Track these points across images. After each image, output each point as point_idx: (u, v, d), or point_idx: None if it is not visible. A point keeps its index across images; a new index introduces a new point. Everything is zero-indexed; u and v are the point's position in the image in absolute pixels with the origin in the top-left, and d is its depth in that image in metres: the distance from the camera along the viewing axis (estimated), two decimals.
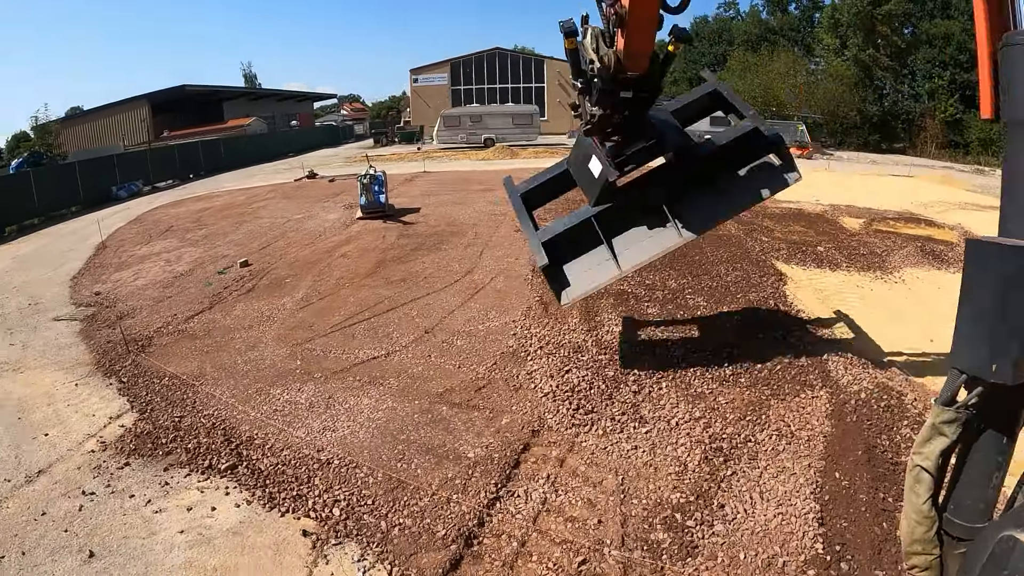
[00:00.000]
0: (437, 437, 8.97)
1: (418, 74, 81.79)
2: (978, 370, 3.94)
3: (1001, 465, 4.09)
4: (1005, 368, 3.78)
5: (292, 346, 12.53)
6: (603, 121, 8.97)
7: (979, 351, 3.93)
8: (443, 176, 36.93)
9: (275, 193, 33.20)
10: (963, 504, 4.17)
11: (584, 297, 10.36)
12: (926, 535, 4.23)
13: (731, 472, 7.90)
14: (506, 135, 58.10)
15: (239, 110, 78.64)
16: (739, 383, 10.10)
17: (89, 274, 19.79)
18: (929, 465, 4.18)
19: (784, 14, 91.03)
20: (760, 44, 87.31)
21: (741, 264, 16.67)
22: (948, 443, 4.12)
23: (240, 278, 17.48)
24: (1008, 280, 3.82)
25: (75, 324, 15.01)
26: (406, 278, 16.16)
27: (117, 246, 23.43)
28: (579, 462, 8.19)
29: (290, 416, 9.84)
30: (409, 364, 11.32)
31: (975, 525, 4.08)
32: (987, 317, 3.92)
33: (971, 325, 4.04)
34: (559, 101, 77.59)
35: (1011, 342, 3.78)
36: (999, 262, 3.91)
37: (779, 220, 22.59)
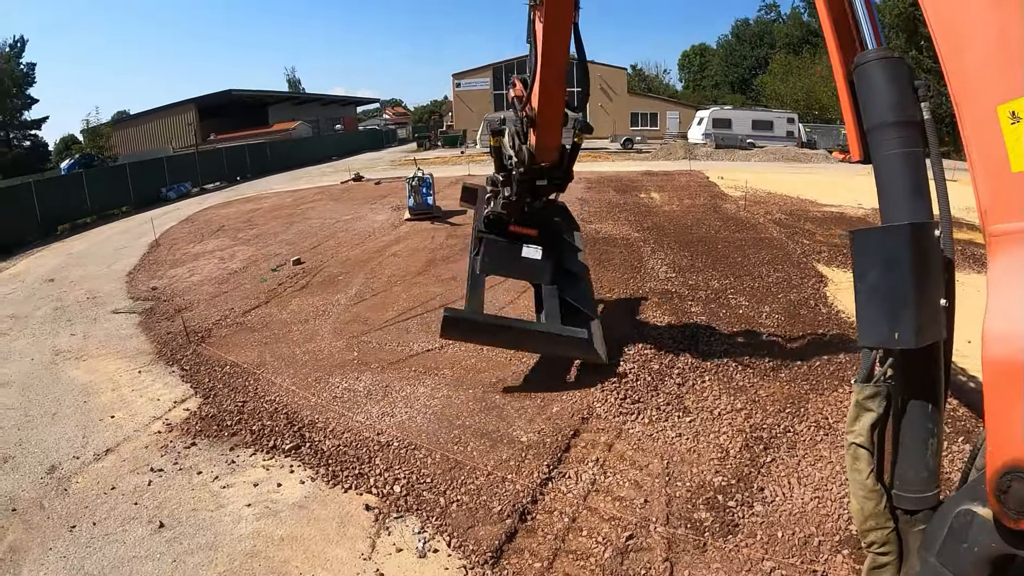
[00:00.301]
0: (491, 423, 9.37)
1: (461, 79, 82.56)
2: (883, 342, 4.33)
3: (933, 432, 4.35)
4: (907, 334, 4.15)
5: (348, 339, 13.02)
6: (519, 203, 10.47)
7: (880, 326, 4.31)
8: None
9: (322, 195, 33.88)
10: (907, 476, 4.40)
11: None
12: (876, 509, 4.41)
13: (771, 459, 8.19)
14: None
15: (284, 114, 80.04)
16: (779, 377, 10.39)
17: (145, 270, 20.59)
18: (863, 440, 4.41)
19: None
20: (802, 47, 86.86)
21: (782, 266, 16.90)
22: (876, 416, 4.37)
23: (293, 275, 18.08)
24: (888, 257, 4.27)
25: (134, 316, 15.69)
26: (456, 276, 16.56)
27: (170, 244, 24.24)
28: (626, 447, 8.56)
29: (349, 402, 10.28)
30: (462, 356, 11.73)
31: (924, 495, 4.33)
32: (879, 294, 4.32)
33: (868, 305, 4.43)
34: (601, 106, 77.71)
35: (903, 310, 4.17)
36: (879, 244, 4.38)
37: (820, 224, 22.65)
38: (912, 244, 4.18)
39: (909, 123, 4.51)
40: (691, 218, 24.05)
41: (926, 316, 4.18)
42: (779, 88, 79.51)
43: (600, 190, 31.44)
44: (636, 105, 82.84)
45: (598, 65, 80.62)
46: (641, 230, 21.82)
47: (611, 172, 40.18)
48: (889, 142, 4.53)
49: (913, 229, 4.23)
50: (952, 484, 5.30)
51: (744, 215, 24.53)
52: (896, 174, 4.52)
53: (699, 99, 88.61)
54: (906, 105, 4.52)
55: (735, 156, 51.01)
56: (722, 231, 21.62)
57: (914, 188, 4.48)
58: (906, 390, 4.40)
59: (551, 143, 9.91)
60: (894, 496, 4.44)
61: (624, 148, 61.69)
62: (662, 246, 19.37)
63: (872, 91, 4.64)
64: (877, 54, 4.65)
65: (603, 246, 19.53)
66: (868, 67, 4.65)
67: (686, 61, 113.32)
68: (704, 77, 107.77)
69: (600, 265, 17.14)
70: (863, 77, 4.70)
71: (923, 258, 4.20)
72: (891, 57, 4.60)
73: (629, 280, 15.89)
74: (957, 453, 7.99)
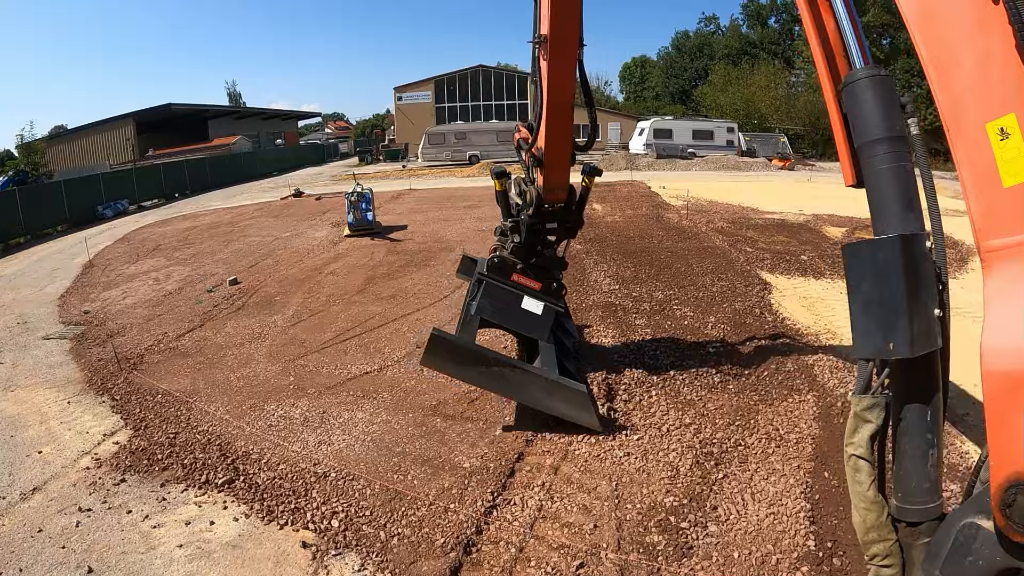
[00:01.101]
0: (432, 449, 9.03)
1: (402, 92, 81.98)
2: (878, 353, 4.37)
3: (933, 442, 4.34)
4: (902, 344, 4.19)
5: (284, 362, 12.58)
6: (529, 250, 10.18)
7: (874, 337, 4.38)
8: (429, 194, 37.22)
9: (262, 212, 33.36)
10: (909, 488, 4.37)
11: None
12: (878, 520, 4.40)
13: (723, 475, 8.01)
14: (491, 152, 58.71)
15: (224, 129, 79.01)
16: (727, 390, 10.25)
17: (77, 293, 19.78)
18: (863, 452, 4.42)
19: (764, 28, 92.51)
20: (741, 58, 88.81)
21: (726, 275, 16.90)
22: (875, 428, 4.39)
23: (230, 296, 17.55)
24: (879, 268, 4.37)
25: (65, 343, 15.00)
26: (396, 294, 16.28)
27: (104, 265, 23.46)
28: (573, 469, 8.28)
29: (285, 431, 9.86)
30: (402, 378, 11.41)
31: (927, 506, 4.31)
32: (872, 305, 4.40)
33: (861, 316, 4.50)
34: None
35: (897, 321, 4.23)
36: (871, 256, 4.47)
37: (762, 231, 22.82)
38: (903, 254, 4.27)
39: (898, 138, 4.64)
40: (634, 228, 24.12)
41: (920, 326, 4.26)
42: (719, 98, 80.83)
43: None
44: (577, 117, 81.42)
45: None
46: (583, 242, 21.73)
47: None
48: (879, 157, 4.65)
49: (904, 240, 4.31)
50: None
51: (686, 224, 24.65)
52: (886, 188, 4.62)
53: (640, 110, 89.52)
54: (894, 121, 4.64)
55: (676, 166, 51.88)
56: (665, 241, 21.69)
57: (904, 201, 4.57)
58: (904, 401, 4.42)
59: (559, 182, 9.90)
60: (896, 508, 4.45)
61: None
62: (605, 258, 19.37)
63: (861, 109, 4.74)
64: (865, 72, 4.77)
65: None
66: (856, 86, 4.78)
67: (627, 73, 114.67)
68: (645, 88, 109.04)
69: None
70: (851, 96, 4.83)
71: (915, 268, 4.30)
72: (879, 75, 4.72)
73: (571, 294, 15.45)
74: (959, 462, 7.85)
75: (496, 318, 10.19)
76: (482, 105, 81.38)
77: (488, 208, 29.70)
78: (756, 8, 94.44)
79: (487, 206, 30.50)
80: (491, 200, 30.87)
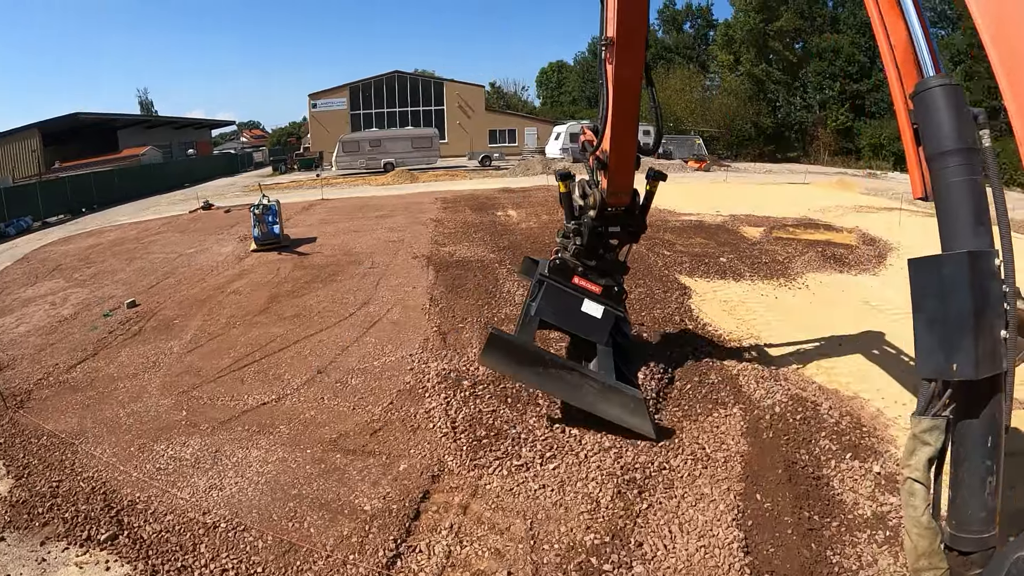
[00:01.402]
0: (331, 490, 8.25)
1: (317, 99, 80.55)
2: (941, 373, 4.38)
3: (992, 470, 4.26)
4: (965, 366, 4.17)
5: (178, 395, 11.59)
6: (591, 254, 10.09)
7: (937, 356, 4.37)
8: (341, 203, 36.34)
9: (168, 226, 31.97)
10: (964, 516, 4.34)
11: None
12: (931, 547, 4.36)
13: (647, 505, 7.46)
14: (406, 159, 58.19)
15: (135, 139, 75.96)
16: (649, 406, 9.69)
17: None
18: (919, 476, 4.40)
19: (679, 33, 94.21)
20: (656, 62, 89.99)
21: (644, 280, 16.56)
22: (933, 451, 4.38)
23: (127, 320, 16.33)
24: (945, 285, 4.34)
25: None
26: (299, 313, 15.44)
27: (1, 288, 21.97)
28: (484, 507, 7.60)
29: (175, 474, 8.93)
30: (301, 408, 10.58)
31: (981, 535, 4.27)
32: (937, 323, 4.38)
33: (926, 334, 4.49)
34: (459, 123, 77.73)
35: (962, 339, 4.19)
36: (936, 272, 4.44)
37: (680, 233, 22.65)
38: (971, 272, 4.24)
39: (969, 150, 4.54)
40: (549, 235, 23.67)
41: (985, 347, 4.19)
42: None
43: (456, 210, 31.20)
44: (494, 122, 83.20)
45: (456, 83, 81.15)
46: (497, 250, 21.37)
47: (468, 190, 40.17)
48: (950, 169, 4.56)
49: (971, 257, 4.27)
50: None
51: None
52: (956, 202, 4.53)
53: (557, 115, 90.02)
54: (966, 132, 4.54)
55: None
56: None
57: (974, 216, 4.47)
58: (965, 424, 4.38)
59: (623, 186, 9.84)
60: (949, 536, 4.43)
61: (482, 165, 62.11)
62: (518, 267, 18.56)
63: (932, 119, 4.68)
64: (938, 81, 4.71)
65: (456, 271, 18.80)
66: (928, 95, 4.71)
67: (544, 78, 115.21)
68: (562, 93, 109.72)
69: (452, 292, 16.50)
70: (922, 105, 4.76)
71: (982, 287, 4.25)
72: (950, 84, 4.65)
73: (483, 307, 15.18)
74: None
75: (556, 320, 10.27)
76: (398, 111, 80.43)
77: (400, 217, 29.42)
78: (672, 14, 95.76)
79: (399, 215, 30.13)
80: (403, 209, 30.23)
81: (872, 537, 6.85)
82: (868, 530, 6.97)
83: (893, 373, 10.97)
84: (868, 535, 6.89)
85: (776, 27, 69.70)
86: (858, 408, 9.66)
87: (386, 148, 58.77)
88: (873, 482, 7.78)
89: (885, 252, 19.67)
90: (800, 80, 74.10)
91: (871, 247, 20.54)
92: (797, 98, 74.14)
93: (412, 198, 37.05)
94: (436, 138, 62.07)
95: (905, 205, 27.30)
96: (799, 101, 74.05)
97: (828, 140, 69.48)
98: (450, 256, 20.64)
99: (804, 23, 73.05)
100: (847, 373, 11.00)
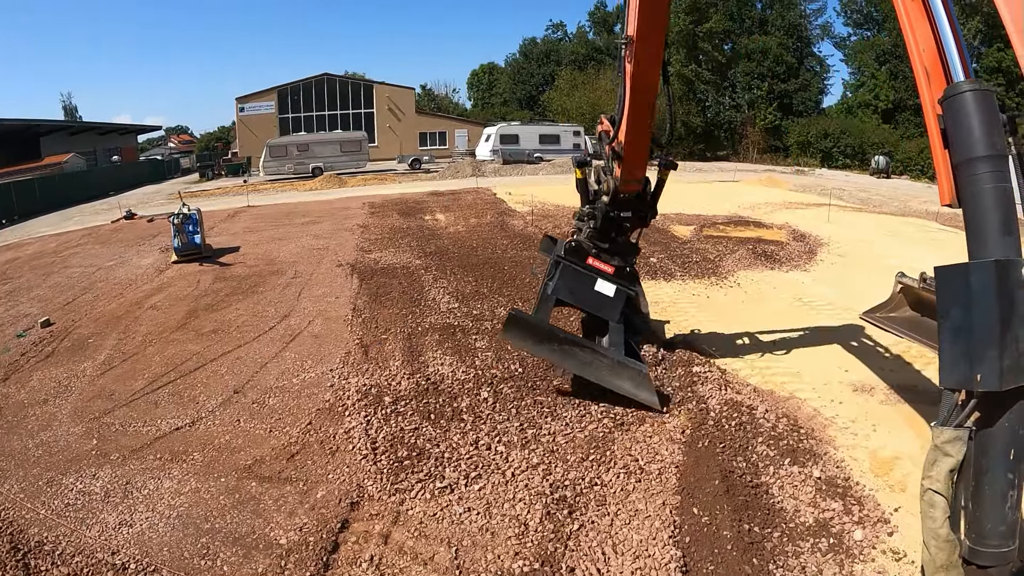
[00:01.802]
0: (246, 522, 7.69)
1: (245, 103, 78.44)
2: (965, 384, 4.31)
3: (1014, 483, 4.23)
4: (990, 376, 4.13)
5: (89, 421, 10.84)
6: (603, 236, 10.69)
7: (962, 366, 4.31)
8: (267, 210, 35.46)
9: (89, 238, 30.58)
10: (984, 529, 4.28)
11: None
12: (949, 560, 4.29)
13: (578, 526, 7.07)
14: (335, 163, 57.53)
15: (59, 146, 73.03)
16: (580, 418, 9.44)
17: None
18: (940, 487, 4.30)
19: (610, 34, 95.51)
20: (587, 63, 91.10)
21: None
22: (955, 462, 4.29)
23: (40, 341, 15.36)
24: (971, 294, 4.30)
25: None
26: (218, 329, 14.75)
27: None
28: (406, 536, 7.13)
29: (84, 510, 8.27)
30: (216, 433, 9.95)
31: (1001, 550, 4.23)
32: (962, 332, 4.32)
33: (951, 344, 4.41)
34: (389, 126, 77.08)
35: (987, 350, 4.15)
36: (963, 281, 4.40)
37: None
38: (998, 281, 4.21)
39: (999, 157, 4.50)
40: (477, 238, 23.54)
41: (1011, 358, 4.16)
42: (565, 103, 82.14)
43: (383, 214, 30.77)
44: (424, 125, 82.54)
45: (387, 86, 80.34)
46: (423, 256, 21.01)
47: (397, 194, 39.71)
48: (979, 176, 4.53)
49: (999, 266, 4.25)
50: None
51: (532, 231, 24.26)
52: (985, 209, 4.49)
53: (488, 116, 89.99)
54: (996, 138, 4.51)
55: (523, 171, 52.31)
56: (509, 250, 21.09)
57: (1003, 224, 4.44)
58: (988, 436, 4.32)
59: (636, 175, 10.37)
60: (968, 549, 4.38)
61: (412, 168, 61.61)
62: (445, 273, 18.52)
63: (962, 124, 4.62)
64: (968, 85, 4.65)
65: (381, 278, 18.35)
66: (957, 99, 4.66)
67: (475, 80, 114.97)
68: (493, 95, 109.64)
69: (376, 301, 16.05)
70: (952, 109, 4.70)
71: (1009, 297, 4.22)
72: (981, 89, 4.60)
73: (408, 316, 14.74)
74: None
75: (571, 298, 10.80)
76: (327, 115, 79.14)
77: (327, 223, 28.89)
78: (603, 15, 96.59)
79: (326, 221, 29.59)
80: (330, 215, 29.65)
81: (816, 546, 6.67)
82: (811, 538, 6.78)
83: (828, 370, 10.91)
84: (811, 544, 6.70)
85: (706, 28, 70.79)
86: (794, 409, 9.52)
87: (314, 152, 57.90)
88: (814, 487, 7.61)
89: (815, 248, 19.76)
90: (729, 80, 75.61)
91: (801, 243, 20.64)
92: (726, 98, 75.70)
93: (340, 203, 36.43)
94: (365, 141, 61.34)
95: (834, 201, 27.57)
96: (728, 101, 75.61)
97: (757, 138, 70.92)
98: (375, 263, 20.22)
99: (733, 25, 74.52)
100: (782, 372, 10.91)
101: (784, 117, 71.04)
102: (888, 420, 9.29)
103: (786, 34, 73.49)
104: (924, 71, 5.07)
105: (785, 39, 72.80)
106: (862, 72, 71.11)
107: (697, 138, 73.71)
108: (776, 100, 71.84)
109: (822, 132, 64.48)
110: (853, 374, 10.88)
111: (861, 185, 44.92)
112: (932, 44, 5.02)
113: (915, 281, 12.52)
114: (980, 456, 4.29)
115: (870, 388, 10.38)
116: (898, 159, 55.85)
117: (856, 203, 33.31)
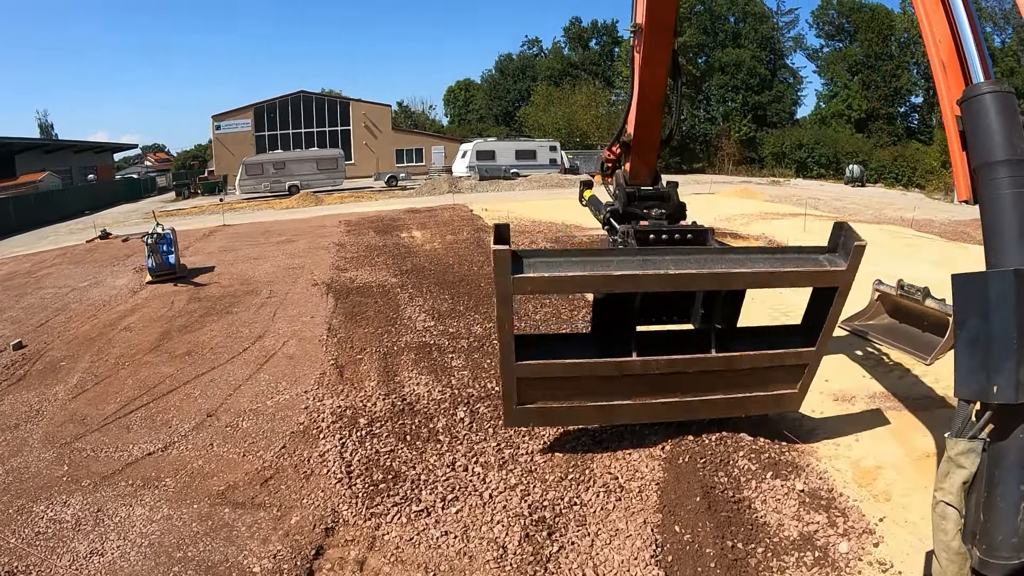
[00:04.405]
0: (218, 550, 7.49)
1: (221, 120, 78.05)
2: (980, 395, 4.29)
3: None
4: (1006, 388, 4.09)
5: (60, 446, 10.60)
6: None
7: (978, 377, 4.27)
8: (243, 229, 35.23)
9: (63, 258, 30.21)
10: (994, 541, 4.24)
11: None
12: (959, 573, 4.27)
13: (558, 548, 6.94)
14: (311, 181, 57.45)
15: (34, 164, 72.02)
16: (556, 436, 9.31)
17: None
18: (952, 499, 4.29)
19: (585, 50, 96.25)
20: (563, 78, 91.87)
21: (550, 299, 16.24)
22: (968, 474, 4.26)
23: (12, 364, 15.05)
24: (989, 303, 4.25)
25: None
26: (192, 350, 14.52)
27: None
28: (382, 561, 6.96)
29: (54, 539, 8.06)
30: (188, 458, 9.74)
31: (1011, 562, 4.18)
32: (980, 343, 4.27)
33: (967, 354, 4.39)
34: (365, 143, 77.08)
35: (1005, 361, 4.09)
36: (980, 290, 4.36)
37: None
38: (1017, 291, 4.14)
39: (1019, 162, 4.42)
40: (453, 255, 23.48)
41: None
42: (541, 118, 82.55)
43: (359, 232, 30.68)
44: (401, 142, 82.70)
45: (363, 103, 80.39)
46: (399, 274, 20.91)
47: (373, 212, 39.69)
48: (998, 181, 4.46)
49: (1018, 275, 4.17)
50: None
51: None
52: (1004, 216, 4.43)
53: (464, 132, 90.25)
54: (1016, 142, 4.45)
55: (500, 187, 52.49)
56: (485, 267, 20.86)
57: (1022, 231, 4.37)
58: (1002, 448, 4.27)
59: (648, 163, 10.36)
60: (978, 560, 4.34)
61: (389, 186, 61.68)
62: (421, 291, 18.42)
63: (981, 127, 4.57)
64: (989, 87, 4.59)
65: (357, 297, 18.23)
66: (977, 101, 4.60)
67: (452, 96, 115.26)
68: (470, 111, 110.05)
69: (351, 321, 15.90)
70: (971, 111, 4.64)
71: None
72: (1001, 91, 4.54)
73: (383, 335, 14.62)
74: None
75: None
76: (304, 132, 78.98)
77: (303, 242, 28.68)
78: (578, 31, 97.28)
79: (302, 240, 29.41)
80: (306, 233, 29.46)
81: (801, 560, 6.58)
82: (796, 552, 6.68)
83: None
84: (796, 558, 6.61)
85: (680, 42, 71.29)
86: (775, 421, 9.39)
87: (291, 170, 57.67)
88: (797, 500, 7.52)
89: None
90: (704, 93, 76.24)
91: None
92: (701, 110, 76.35)
93: (316, 221, 36.24)
94: (342, 159, 61.24)
95: (809, 210, 27.65)
96: (703, 113, 76.19)
97: (732, 150, 71.58)
98: (351, 282, 20.11)
99: (707, 38, 75.38)
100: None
101: (759, 129, 71.90)
102: (870, 429, 9.24)
103: (759, 47, 74.43)
104: (941, 64, 5.01)
105: (758, 52, 73.75)
106: (835, 83, 72.17)
107: (672, 151, 74.21)
108: (750, 112, 72.74)
109: (796, 143, 65.20)
110: (833, 383, 10.79)
111: (836, 194, 45.35)
112: (948, 36, 4.94)
113: (892, 288, 12.48)
114: (992, 467, 4.27)
115: (851, 397, 10.34)
116: (872, 167, 56.45)
117: (831, 212, 33.44)
